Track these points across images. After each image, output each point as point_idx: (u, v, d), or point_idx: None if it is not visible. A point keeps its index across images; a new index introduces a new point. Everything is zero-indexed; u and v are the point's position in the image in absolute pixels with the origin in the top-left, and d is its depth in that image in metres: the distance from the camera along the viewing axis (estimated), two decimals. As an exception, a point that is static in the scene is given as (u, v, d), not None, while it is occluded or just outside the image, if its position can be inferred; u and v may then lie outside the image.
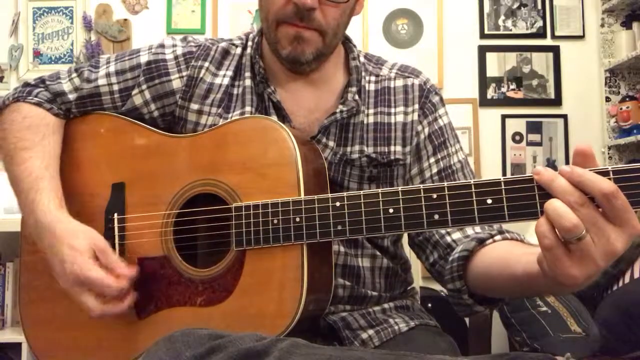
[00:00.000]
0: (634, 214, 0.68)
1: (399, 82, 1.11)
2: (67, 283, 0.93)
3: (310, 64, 1.02)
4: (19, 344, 2.31)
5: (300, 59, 1.01)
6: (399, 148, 1.07)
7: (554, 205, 0.69)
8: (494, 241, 0.93)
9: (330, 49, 1.04)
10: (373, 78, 1.12)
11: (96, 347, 0.99)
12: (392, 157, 1.06)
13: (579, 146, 0.72)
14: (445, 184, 0.80)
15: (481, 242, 0.94)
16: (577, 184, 0.69)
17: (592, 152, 0.71)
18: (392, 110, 1.09)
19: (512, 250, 0.89)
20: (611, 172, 0.70)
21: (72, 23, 3.01)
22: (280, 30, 1.00)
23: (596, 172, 0.69)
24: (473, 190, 0.78)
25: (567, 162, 2.65)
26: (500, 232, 0.95)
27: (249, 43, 1.12)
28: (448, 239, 1.01)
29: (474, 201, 0.78)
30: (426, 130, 1.09)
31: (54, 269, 0.95)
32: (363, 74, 1.10)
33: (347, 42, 1.13)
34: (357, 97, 1.06)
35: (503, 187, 0.76)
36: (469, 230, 1.00)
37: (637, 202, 0.69)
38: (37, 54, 2.99)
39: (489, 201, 0.77)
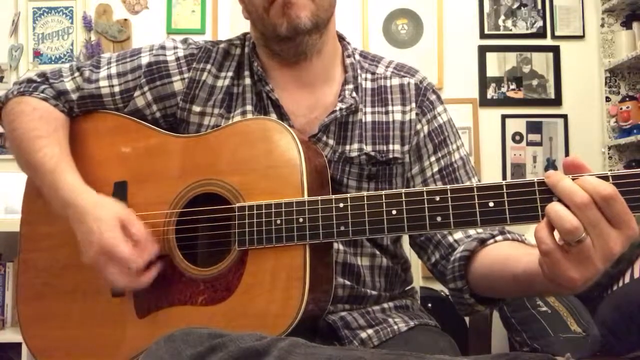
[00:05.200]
0: (633, 216, 0.69)
1: (395, 81, 1.11)
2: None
3: (310, 33, 1.01)
4: (19, 344, 2.31)
5: (299, 25, 0.98)
6: (397, 147, 1.07)
7: (555, 207, 0.70)
8: (495, 241, 0.95)
9: (325, 12, 1.02)
10: (369, 76, 1.12)
11: (95, 346, 0.99)
12: (391, 156, 1.06)
13: (567, 159, 0.74)
14: (448, 187, 0.81)
15: (482, 242, 0.95)
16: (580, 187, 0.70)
17: (581, 161, 0.73)
18: (390, 108, 1.09)
19: (513, 250, 0.90)
20: (610, 178, 0.71)
21: (72, 23, 3.01)
22: (271, 13, 1.00)
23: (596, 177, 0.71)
24: (475, 193, 0.79)
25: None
26: (502, 232, 0.96)
27: (247, 42, 1.12)
28: (450, 238, 1.02)
29: (476, 204, 0.79)
30: (425, 128, 1.09)
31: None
32: (359, 71, 1.11)
33: (341, 40, 1.13)
34: (354, 94, 1.06)
35: (505, 190, 0.77)
36: (471, 230, 1.00)
37: (636, 207, 0.70)
38: (37, 54, 2.99)
39: (491, 204, 0.78)
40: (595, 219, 0.69)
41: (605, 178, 0.71)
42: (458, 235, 1.02)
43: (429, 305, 2.11)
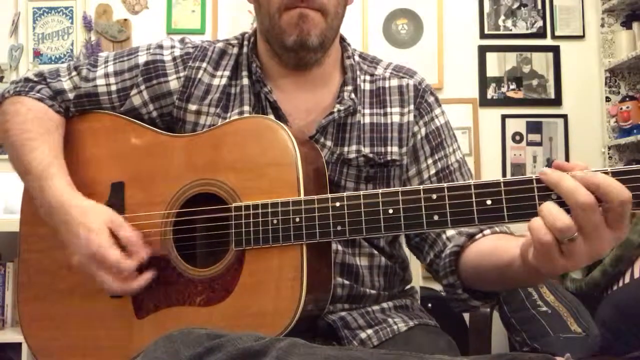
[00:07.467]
0: (628, 219, 0.71)
1: (394, 82, 1.11)
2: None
3: (316, 51, 1.02)
4: (19, 344, 2.32)
5: (307, 42, 0.99)
6: (395, 149, 1.07)
7: (549, 207, 0.72)
8: (484, 235, 0.97)
9: (332, 33, 1.04)
10: (368, 77, 1.12)
11: (95, 346, 0.99)
12: (389, 158, 1.06)
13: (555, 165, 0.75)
14: (445, 184, 0.81)
15: (471, 237, 0.97)
16: (594, 189, 0.71)
17: (566, 164, 0.75)
18: (388, 110, 1.09)
19: (499, 243, 0.92)
20: (610, 174, 0.72)
21: (72, 23, 3.01)
22: (283, 19, 0.99)
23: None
24: (473, 191, 0.79)
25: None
26: (490, 226, 0.98)
27: (245, 42, 1.12)
28: (443, 237, 1.03)
29: (474, 202, 0.79)
30: (423, 131, 1.09)
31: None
32: (358, 73, 1.10)
33: (341, 41, 1.13)
34: (353, 95, 1.06)
35: (502, 188, 0.77)
36: (463, 228, 1.01)
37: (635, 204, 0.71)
38: (37, 54, 2.99)
39: (489, 202, 0.78)
40: (596, 221, 0.70)
41: (604, 174, 0.72)
42: (450, 232, 1.02)
43: (429, 305, 2.11)
